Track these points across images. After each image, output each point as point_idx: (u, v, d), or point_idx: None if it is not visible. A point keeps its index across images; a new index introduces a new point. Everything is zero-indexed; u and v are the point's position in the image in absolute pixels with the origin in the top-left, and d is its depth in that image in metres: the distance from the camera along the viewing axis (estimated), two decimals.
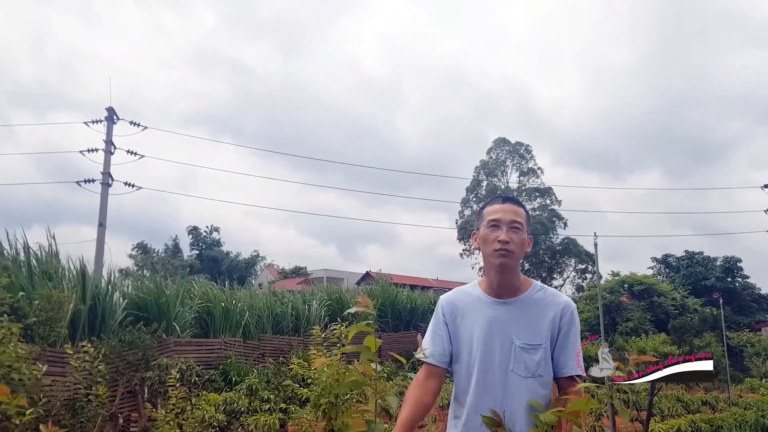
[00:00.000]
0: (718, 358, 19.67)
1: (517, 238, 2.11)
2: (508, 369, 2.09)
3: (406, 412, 2.06)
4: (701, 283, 33.11)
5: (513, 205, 2.18)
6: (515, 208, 2.16)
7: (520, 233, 2.12)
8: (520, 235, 2.12)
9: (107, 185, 17.38)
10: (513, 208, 2.16)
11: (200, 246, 47.27)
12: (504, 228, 2.10)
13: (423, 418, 2.22)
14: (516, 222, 2.12)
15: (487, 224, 2.15)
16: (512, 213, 2.14)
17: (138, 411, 8.88)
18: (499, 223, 2.12)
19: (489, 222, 2.14)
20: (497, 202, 2.19)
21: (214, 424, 7.26)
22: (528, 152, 38.15)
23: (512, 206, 2.17)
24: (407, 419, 2.04)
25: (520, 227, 2.12)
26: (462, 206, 37.97)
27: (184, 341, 11.30)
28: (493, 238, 2.11)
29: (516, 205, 2.18)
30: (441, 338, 2.22)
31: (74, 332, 9.30)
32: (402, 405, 2.13)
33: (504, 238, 2.08)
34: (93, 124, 17.77)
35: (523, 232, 2.14)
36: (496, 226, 2.12)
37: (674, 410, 10.11)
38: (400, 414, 2.08)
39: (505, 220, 2.11)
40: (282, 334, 14.47)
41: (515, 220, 2.12)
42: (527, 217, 2.20)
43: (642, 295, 26.76)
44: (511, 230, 2.10)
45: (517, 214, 2.15)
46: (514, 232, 2.10)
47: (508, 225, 2.11)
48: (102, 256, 16.35)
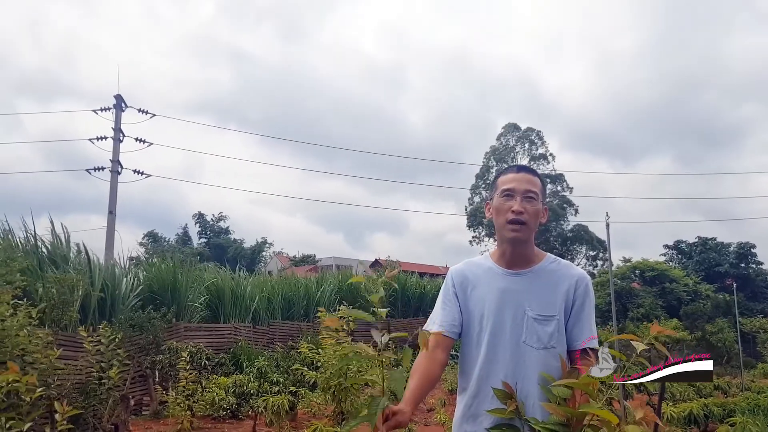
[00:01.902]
0: (731, 343, 19.60)
1: (532, 208, 2.05)
2: (519, 340, 2.03)
3: (414, 383, 2.01)
4: (714, 269, 32.90)
5: (528, 174, 2.11)
6: (530, 177, 2.09)
7: (534, 203, 2.05)
8: (535, 205, 2.06)
9: (117, 173, 17.44)
10: (528, 177, 2.08)
11: (208, 234, 47.52)
12: (518, 198, 2.04)
13: (431, 389, 2.17)
14: (531, 191, 2.05)
15: (500, 194, 2.08)
16: (527, 182, 2.06)
17: (149, 394, 8.94)
18: (513, 192, 2.05)
19: (503, 191, 2.08)
20: (512, 171, 2.12)
21: (225, 406, 7.30)
22: (539, 137, 37.90)
23: (527, 175, 2.09)
24: (414, 390, 1.99)
25: (534, 197, 2.05)
26: (471, 193, 37.84)
27: (194, 326, 11.37)
28: (507, 208, 2.05)
29: (531, 174, 2.11)
30: (451, 309, 2.16)
31: (85, 317, 9.37)
32: (409, 376, 2.09)
33: (518, 208, 2.03)
34: (102, 112, 17.83)
35: (538, 202, 2.07)
36: (510, 196, 2.05)
37: (686, 394, 10.05)
38: (408, 385, 2.04)
39: (520, 189, 2.04)
40: (292, 320, 14.53)
41: (530, 189, 2.05)
42: (543, 187, 2.13)
43: (654, 281, 26.62)
44: (525, 200, 2.04)
45: (532, 183, 2.07)
46: (528, 201, 2.04)
47: (523, 195, 2.04)
48: (112, 244, 16.44)
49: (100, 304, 9.93)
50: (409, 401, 1.94)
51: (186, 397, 6.32)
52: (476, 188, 37.51)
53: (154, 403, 8.80)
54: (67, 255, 10.81)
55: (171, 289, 11.51)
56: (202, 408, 7.15)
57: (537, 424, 1.83)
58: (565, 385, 1.84)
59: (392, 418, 1.79)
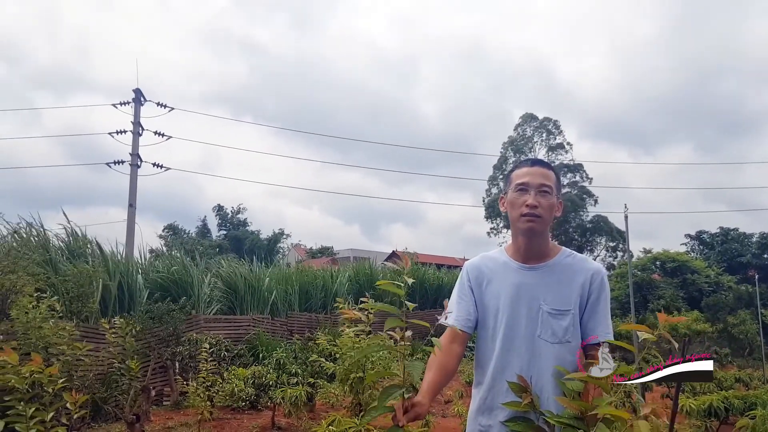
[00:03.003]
0: (753, 335, 19.31)
1: (546, 202, 2.05)
2: (534, 334, 2.04)
3: (430, 377, 2.03)
4: (736, 259, 32.39)
5: (542, 168, 2.11)
6: (544, 171, 2.09)
7: (548, 197, 2.06)
8: (549, 199, 2.06)
9: (136, 166, 17.65)
10: (542, 171, 2.08)
11: (227, 226, 47.86)
12: (532, 192, 2.04)
13: (448, 382, 2.19)
14: (545, 185, 2.05)
15: (514, 188, 2.09)
16: (541, 176, 2.06)
17: (170, 384, 9.08)
18: (527, 186, 2.05)
19: (517, 186, 2.08)
20: (526, 165, 2.12)
21: (244, 397, 7.39)
22: (556, 127, 37.48)
23: (541, 169, 2.09)
24: (431, 383, 2.01)
25: (549, 191, 2.06)
26: (489, 184, 37.58)
27: (213, 318, 11.51)
28: (521, 202, 2.06)
29: (545, 168, 2.11)
30: (466, 303, 2.17)
31: (105, 309, 9.54)
32: (426, 370, 2.10)
33: (532, 202, 2.03)
34: (122, 106, 18.03)
35: (553, 195, 2.07)
36: (524, 190, 2.06)
37: (706, 387, 9.92)
38: (424, 378, 2.05)
39: (534, 183, 2.05)
40: (310, 312, 14.62)
41: (544, 183, 2.05)
42: (557, 180, 2.13)
43: (675, 272, 26.28)
44: (539, 194, 2.04)
45: (547, 177, 2.07)
46: (542, 196, 2.04)
47: (537, 189, 2.04)
48: (133, 237, 16.68)
49: (119, 297, 10.09)
50: (426, 394, 1.97)
51: (206, 388, 6.40)
52: (494, 179, 37.25)
53: (174, 394, 8.94)
54: (84, 249, 11.00)
55: (186, 281, 11.66)
56: (222, 399, 7.24)
57: (552, 418, 1.83)
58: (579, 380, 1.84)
59: (411, 409, 1.81)
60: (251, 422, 7.49)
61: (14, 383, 3.49)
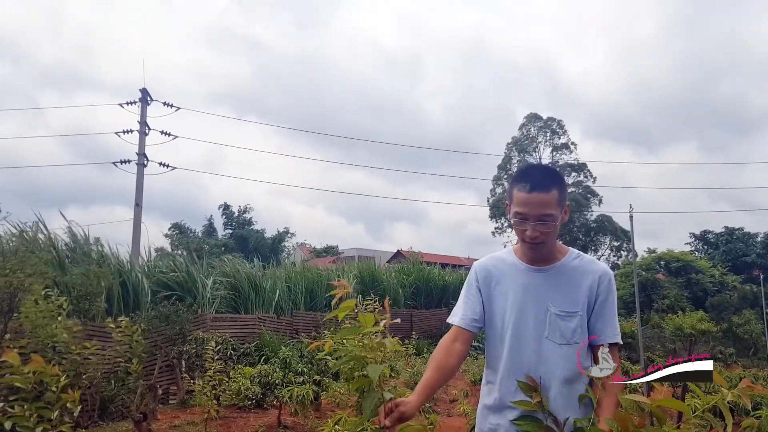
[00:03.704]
0: (758, 335, 19.26)
1: (547, 229, 1.99)
2: (542, 336, 2.05)
3: (428, 374, 2.05)
4: (741, 259, 32.30)
5: (540, 193, 1.94)
6: (543, 198, 1.94)
7: (549, 224, 1.98)
8: (550, 225, 1.99)
9: (143, 165, 17.70)
10: (541, 199, 1.94)
11: (233, 225, 47.95)
12: (531, 222, 1.97)
13: (446, 381, 2.20)
14: (544, 215, 1.96)
15: (514, 214, 2.03)
16: (539, 205, 1.95)
17: (176, 383, 9.13)
18: (526, 217, 1.98)
19: (515, 213, 2.01)
20: (524, 191, 1.97)
21: (250, 396, 7.43)
22: (560, 127, 37.44)
23: (540, 195, 1.94)
24: (428, 381, 2.02)
25: (549, 219, 1.97)
26: (494, 184, 37.58)
27: (220, 317, 11.55)
28: (521, 230, 2.03)
29: (544, 192, 1.95)
30: (473, 303, 2.18)
31: (110, 308, 9.60)
32: (426, 367, 2.12)
33: (531, 234, 1.99)
34: (128, 106, 18.08)
35: (555, 218, 1.98)
36: (524, 220, 1.99)
37: (711, 387, 9.90)
38: (423, 376, 2.07)
39: (533, 214, 1.96)
40: (315, 311, 14.65)
41: (543, 213, 1.95)
42: (560, 196, 1.98)
43: (679, 272, 26.23)
44: (539, 224, 1.98)
45: (546, 204, 1.95)
46: (542, 224, 1.98)
47: (536, 219, 1.96)
48: (139, 236, 16.74)
49: (123, 297, 10.14)
50: (420, 392, 1.98)
51: (212, 387, 6.44)
52: (498, 179, 37.25)
53: (180, 393, 8.99)
54: (88, 249, 11.06)
55: (190, 281, 11.69)
56: (228, 398, 7.28)
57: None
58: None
59: (395, 409, 1.83)
60: (257, 421, 7.53)
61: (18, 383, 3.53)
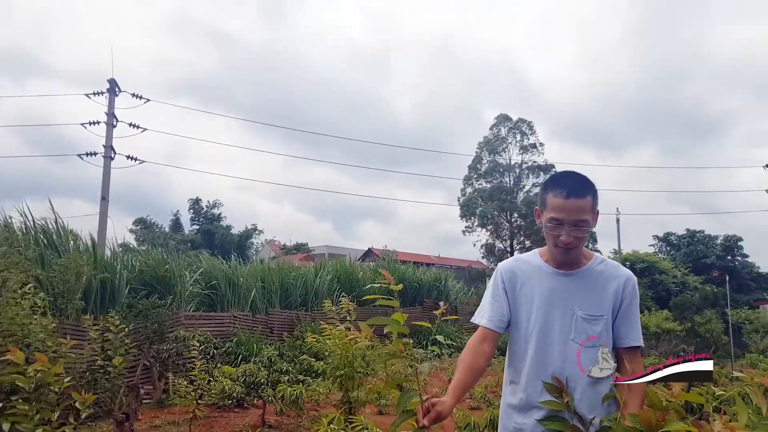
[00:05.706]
0: (719, 334, 19.96)
1: (581, 234, 2.03)
2: (568, 338, 2.10)
3: (458, 376, 2.08)
4: (701, 261, 33.33)
5: (578, 199, 2.00)
6: (580, 204, 2.00)
7: (584, 230, 2.03)
8: (584, 231, 2.03)
9: (110, 158, 17.26)
10: (578, 205, 2.00)
11: (200, 221, 47.18)
12: (567, 227, 2.01)
13: (476, 381, 2.23)
14: (580, 220, 2.00)
15: (548, 219, 2.06)
16: (576, 211, 2.00)
17: (152, 383, 8.95)
18: (563, 222, 2.02)
19: (550, 218, 2.05)
20: (560, 196, 2.01)
21: (233, 395, 7.36)
22: (530, 128, 37.93)
23: (577, 202, 2.00)
24: (459, 383, 2.05)
25: (584, 224, 2.01)
26: (464, 184, 37.75)
27: (195, 315, 11.37)
28: (555, 235, 2.05)
29: (580, 199, 2.00)
30: (500, 304, 2.21)
31: (86, 305, 9.34)
32: (456, 369, 2.15)
33: (566, 239, 2.02)
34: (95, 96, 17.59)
35: (589, 223, 2.04)
36: (559, 225, 2.03)
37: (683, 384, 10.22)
38: (454, 378, 2.10)
39: (569, 220, 2.00)
40: (290, 309, 14.56)
41: (579, 218, 2.00)
42: (593, 202, 2.04)
43: (643, 273, 26.95)
44: (574, 229, 2.02)
45: (582, 210, 2.00)
46: (577, 230, 2.02)
47: (572, 224, 2.01)
48: (105, 230, 16.28)
49: (100, 293, 9.89)
50: (453, 393, 2.01)
51: (196, 387, 6.35)
52: (469, 179, 37.48)
53: (157, 392, 8.82)
54: (66, 242, 10.74)
55: (164, 276, 11.49)
56: (210, 397, 7.20)
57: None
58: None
59: (432, 409, 1.85)
60: (240, 420, 7.46)
61: (19, 383, 3.44)
